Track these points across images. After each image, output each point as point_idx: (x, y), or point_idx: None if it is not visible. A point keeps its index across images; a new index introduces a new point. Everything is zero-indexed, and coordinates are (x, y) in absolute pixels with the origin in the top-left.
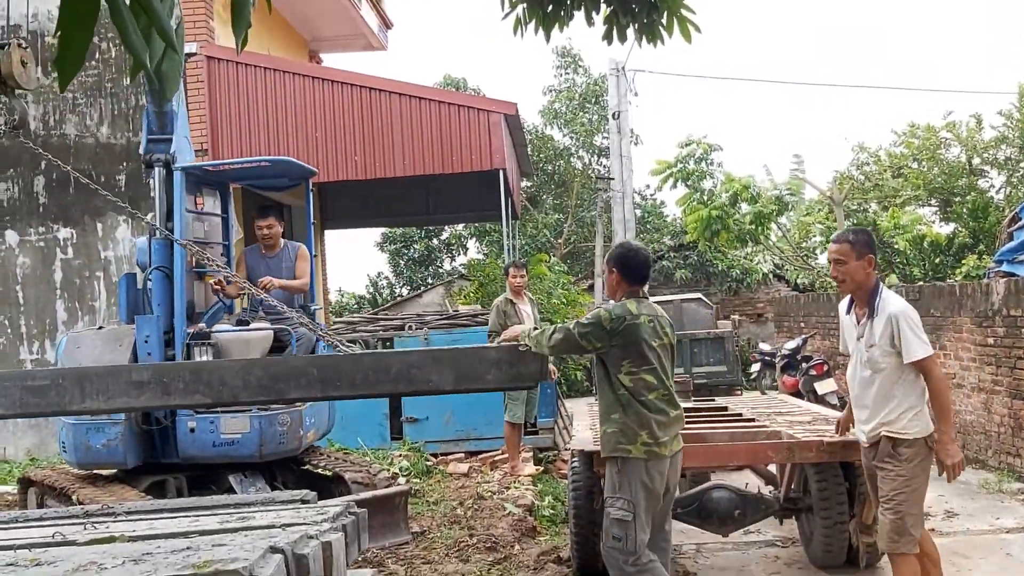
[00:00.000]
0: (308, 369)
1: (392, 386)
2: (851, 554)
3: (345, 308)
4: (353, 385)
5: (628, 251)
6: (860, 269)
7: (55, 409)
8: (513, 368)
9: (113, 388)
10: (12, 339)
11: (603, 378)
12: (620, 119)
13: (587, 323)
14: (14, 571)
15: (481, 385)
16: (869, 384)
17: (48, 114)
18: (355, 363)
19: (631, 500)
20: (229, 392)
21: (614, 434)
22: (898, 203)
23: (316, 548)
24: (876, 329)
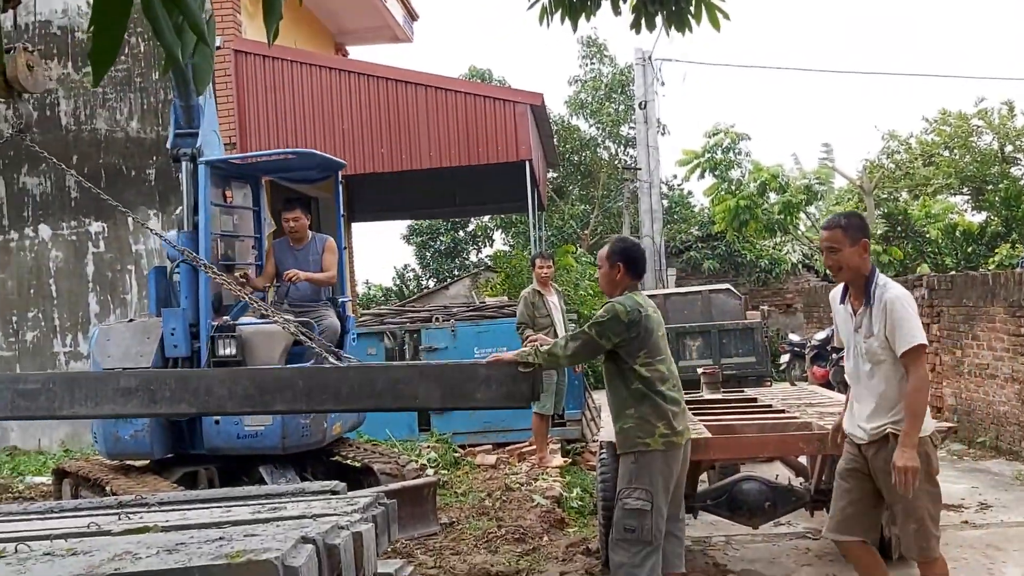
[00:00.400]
0: (294, 381)
1: (377, 401)
2: (883, 546)
3: (372, 300)
4: (338, 399)
5: (631, 245)
6: (855, 255)
7: (44, 413)
8: (503, 387)
9: (101, 394)
10: (46, 332)
11: (614, 374)
12: (647, 109)
13: (603, 321)
14: (51, 560)
15: (470, 404)
16: (872, 378)
17: (79, 109)
18: (341, 376)
19: (649, 490)
20: (215, 402)
21: (631, 429)
22: (929, 192)
23: (347, 538)
24: (875, 318)
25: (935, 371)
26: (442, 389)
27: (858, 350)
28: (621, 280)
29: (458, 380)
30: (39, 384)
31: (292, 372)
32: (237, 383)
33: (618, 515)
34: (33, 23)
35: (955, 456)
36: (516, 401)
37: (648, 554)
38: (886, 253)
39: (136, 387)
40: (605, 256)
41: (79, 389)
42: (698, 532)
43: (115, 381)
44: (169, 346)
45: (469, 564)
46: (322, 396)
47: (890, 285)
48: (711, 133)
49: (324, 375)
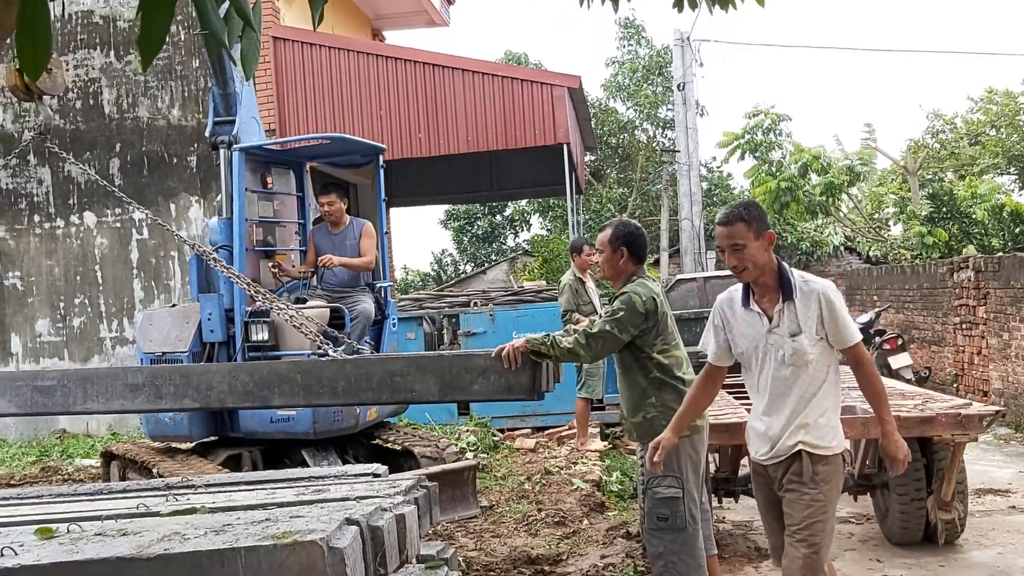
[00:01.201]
0: (292, 375)
1: (374, 394)
2: (929, 531)
3: (410, 285)
4: (335, 393)
5: (635, 229)
6: (761, 250)
7: (60, 408)
8: (502, 378)
9: (111, 390)
10: (92, 317)
11: (630, 365)
12: (685, 90)
13: (622, 315)
14: (102, 540)
15: (467, 396)
16: (790, 385)
17: (121, 97)
18: (337, 370)
19: (679, 476)
20: (216, 397)
21: (654, 419)
22: (976, 172)
23: (390, 520)
24: (800, 313)
25: (981, 354)
26: (440, 382)
27: (776, 355)
28: (624, 265)
29: (455, 372)
30: (55, 381)
31: (289, 366)
32: (236, 378)
33: (649, 505)
34: (76, 13)
35: (1002, 440)
36: (516, 393)
37: (685, 540)
38: (931, 235)
39: (143, 383)
40: (607, 240)
41: (91, 385)
42: (739, 516)
43: (124, 377)
44: (206, 331)
45: (510, 547)
46: (319, 390)
47: (811, 276)
48: (751, 114)
49: (320, 369)
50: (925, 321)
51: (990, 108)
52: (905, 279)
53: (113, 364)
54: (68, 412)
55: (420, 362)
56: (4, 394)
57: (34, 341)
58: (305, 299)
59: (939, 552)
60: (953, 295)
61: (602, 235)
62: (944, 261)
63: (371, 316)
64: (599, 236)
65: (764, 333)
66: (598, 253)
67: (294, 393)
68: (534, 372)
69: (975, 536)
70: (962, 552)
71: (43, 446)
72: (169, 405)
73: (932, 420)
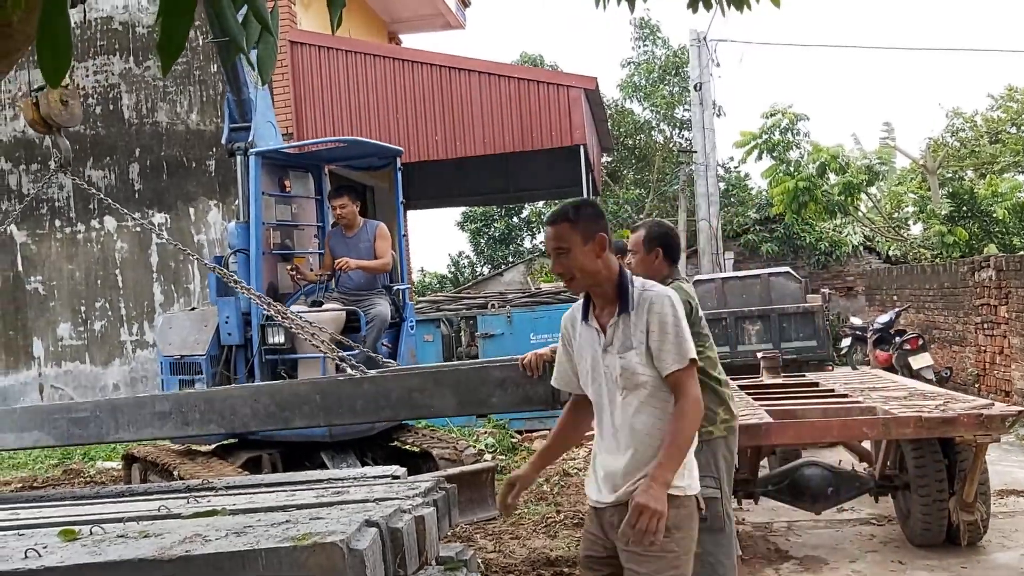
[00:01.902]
0: (311, 396)
1: (393, 412)
2: (951, 532)
3: (427, 288)
4: (354, 412)
5: (669, 229)
6: (591, 256)
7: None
8: (520, 389)
9: (140, 419)
10: (113, 321)
11: None
12: (702, 90)
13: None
14: (125, 542)
15: (486, 409)
16: (626, 411)
17: (141, 103)
18: (355, 389)
19: (716, 477)
20: (240, 421)
21: None
22: (996, 170)
23: (410, 522)
24: (634, 326)
25: (1003, 354)
26: (457, 396)
27: (607, 374)
28: (659, 266)
29: (472, 385)
30: (88, 412)
31: (309, 387)
32: (259, 401)
33: None
34: (96, 19)
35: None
36: (534, 403)
37: (721, 541)
38: (951, 234)
39: (169, 411)
40: (641, 241)
41: (122, 415)
42: (759, 518)
43: (151, 405)
44: (224, 334)
45: (528, 548)
46: (339, 410)
47: (653, 284)
48: (768, 114)
49: (339, 389)
50: (946, 321)
51: (1010, 106)
52: (925, 279)
53: (134, 367)
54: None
55: (437, 377)
56: (42, 427)
57: (56, 344)
58: (322, 302)
59: (961, 554)
60: (974, 294)
61: (636, 236)
62: (965, 260)
63: (387, 319)
64: (632, 237)
65: (600, 351)
66: (631, 255)
67: (314, 414)
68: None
69: (998, 537)
70: (985, 553)
71: (65, 449)
72: (196, 431)
73: (954, 421)
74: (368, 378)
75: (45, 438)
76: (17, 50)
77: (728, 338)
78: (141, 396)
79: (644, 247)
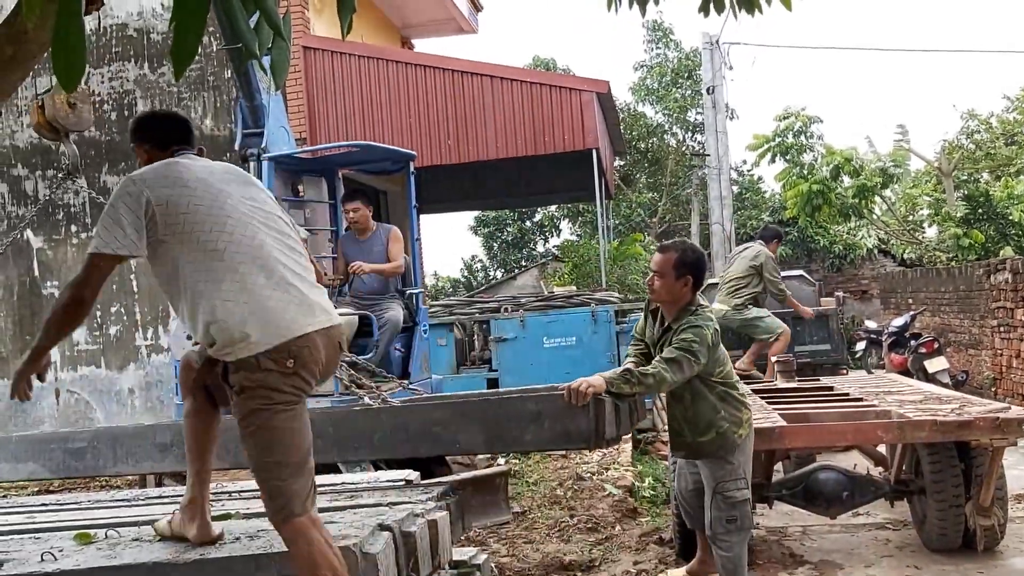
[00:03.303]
0: (324, 429)
1: (413, 448)
2: (967, 537)
3: (440, 292)
4: (371, 447)
5: (702, 256)
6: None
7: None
8: (558, 424)
9: (140, 451)
10: (128, 326)
11: (698, 390)
12: (715, 94)
13: (697, 348)
14: (139, 545)
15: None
16: None
17: (155, 108)
18: (372, 421)
19: (745, 479)
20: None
21: (726, 432)
22: (1012, 172)
23: (423, 526)
24: None
25: (1020, 357)
26: (485, 432)
27: None
28: (684, 293)
29: (503, 419)
30: (86, 443)
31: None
32: None
33: (719, 508)
34: (111, 26)
35: None
36: (575, 442)
37: (745, 540)
38: (967, 236)
39: (170, 442)
40: (672, 265)
41: (120, 446)
42: (774, 522)
43: (152, 436)
44: None
45: (542, 553)
46: (354, 444)
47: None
48: (781, 117)
49: (354, 421)
50: (962, 324)
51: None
52: (941, 282)
53: (149, 372)
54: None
55: (464, 409)
56: (37, 458)
57: (72, 349)
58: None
59: (978, 559)
60: (990, 297)
61: (664, 258)
62: (981, 263)
63: (399, 323)
64: (659, 257)
65: None
66: (655, 276)
67: (326, 449)
68: (597, 414)
69: (1015, 542)
70: (1002, 559)
71: None
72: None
73: (970, 424)
74: (386, 410)
75: (40, 470)
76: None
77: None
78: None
79: (674, 272)
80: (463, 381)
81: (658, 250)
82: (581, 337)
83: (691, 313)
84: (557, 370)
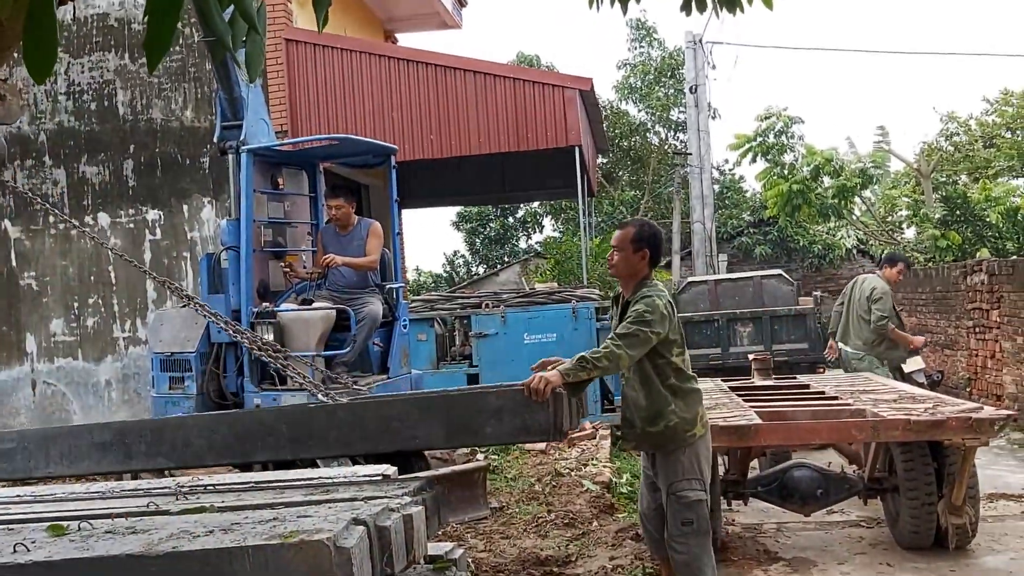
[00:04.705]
0: (277, 426)
1: (371, 444)
2: (939, 535)
3: (422, 287)
4: (326, 444)
5: (658, 231)
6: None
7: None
8: (517, 418)
9: (76, 451)
10: (105, 317)
11: (648, 374)
12: (697, 93)
13: (651, 317)
14: (112, 538)
15: (478, 440)
16: None
17: (135, 99)
18: (327, 418)
19: (701, 479)
20: (193, 455)
21: (678, 424)
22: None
23: (398, 521)
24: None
25: (994, 358)
26: (446, 426)
27: None
28: (642, 267)
29: (463, 414)
30: (14, 443)
31: (274, 415)
32: (216, 432)
33: (674, 510)
34: (92, 16)
35: (1015, 445)
36: (534, 435)
37: (705, 543)
38: (944, 238)
39: (111, 441)
40: (630, 239)
41: (54, 447)
42: (749, 519)
43: (89, 436)
44: (214, 331)
45: (519, 548)
46: (309, 442)
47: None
48: (763, 117)
49: (309, 418)
50: (938, 324)
51: (1006, 110)
52: (918, 282)
53: (126, 363)
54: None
55: (422, 404)
56: None
57: (48, 340)
58: (312, 300)
59: (950, 557)
60: (966, 298)
61: (623, 232)
62: (957, 264)
63: (378, 318)
64: (618, 233)
65: None
66: (614, 251)
67: (280, 446)
68: (555, 408)
69: (987, 541)
70: (974, 557)
71: None
72: (141, 465)
73: (943, 424)
74: (342, 406)
75: None
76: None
77: (720, 340)
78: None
79: (632, 245)
80: (443, 376)
81: (618, 227)
82: (562, 333)
83: (645, 286)
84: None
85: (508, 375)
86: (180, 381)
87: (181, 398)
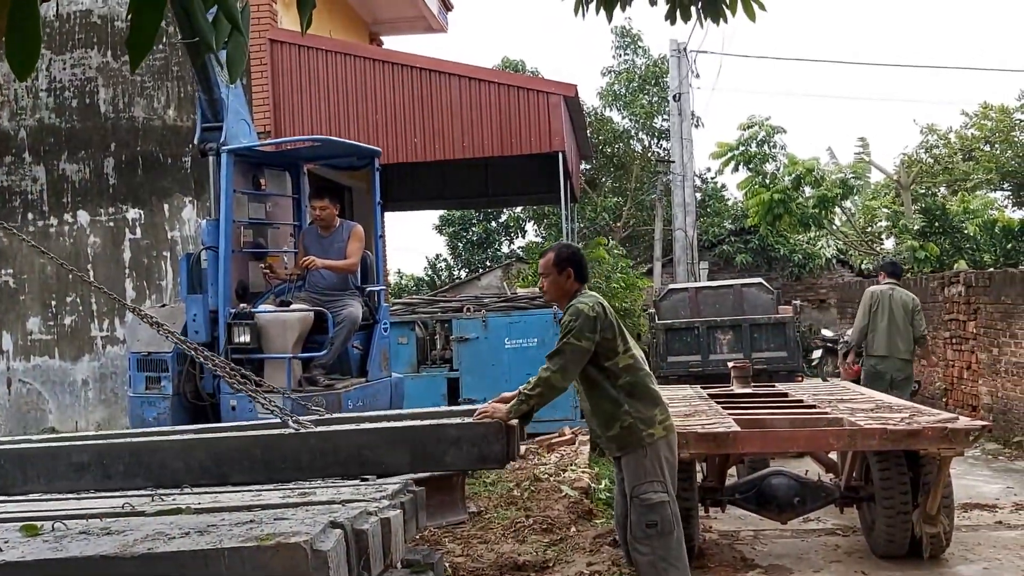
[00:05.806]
0: (252, 450)
1: (342, 468)
2: (914, 544)
3: (404, 290)
4: (299, 468)
5: (578, 250)
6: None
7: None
8: (475, 447)
9: (53, 471)
10: (83, 316)
11: (597, 379)
12: (681, 101)
13: (575, 325)
14: (86, 538)
15: (440, 467)
16: None
17: (117, 97)
18: (300, 444)
19: (662, 480)
20: (170, 476)
21: (631, 427)
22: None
23: (375, 524)
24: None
25: (971, 369)
26: (411, 454)
27: None
28: (571, 286)
29: (427, 443)
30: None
31: (249, 441)
32: (192, 455)
33: (637, 513)
34: (74, 12)
35: (990, 456)
36: (489, 462)
37: (670, 545)
38: (923, 249)
39: (88, 462)
40: (552, 263)
41: (31, 466)
42: (726, 526)
43: (67, 456)
44: (191, 332)
45: (497, 553)
46: (282, 466)
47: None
48: (746, 126)
49: (283, 444)
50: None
51: (984, 123)
52: None
53: (103, 363)
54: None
55: (389, 435)
56: None
57: (25, 339)
58: (290, 302)
59: (924, 566)
60: (944, 309)
61: (545, 259)
62: (935, 275)
63: (357, 320)
64: (541, 262)
65: None
66: (542, 278)
67: (254, 469)
68: (508, 439)
69: (961, 551)
70: (948, 566)
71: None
72: (119, 485)
73: (919, 434)
74: (315, 433)
75: None
76: None
77: (700, 347)
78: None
79: (555, 268)
80: (423, 380)
81: (539, 256)
82: (543, 338)
83: (574, 299)
84: (518, 371)
85: (488, 379)
86: (157, 381)
87: (157, 398)
